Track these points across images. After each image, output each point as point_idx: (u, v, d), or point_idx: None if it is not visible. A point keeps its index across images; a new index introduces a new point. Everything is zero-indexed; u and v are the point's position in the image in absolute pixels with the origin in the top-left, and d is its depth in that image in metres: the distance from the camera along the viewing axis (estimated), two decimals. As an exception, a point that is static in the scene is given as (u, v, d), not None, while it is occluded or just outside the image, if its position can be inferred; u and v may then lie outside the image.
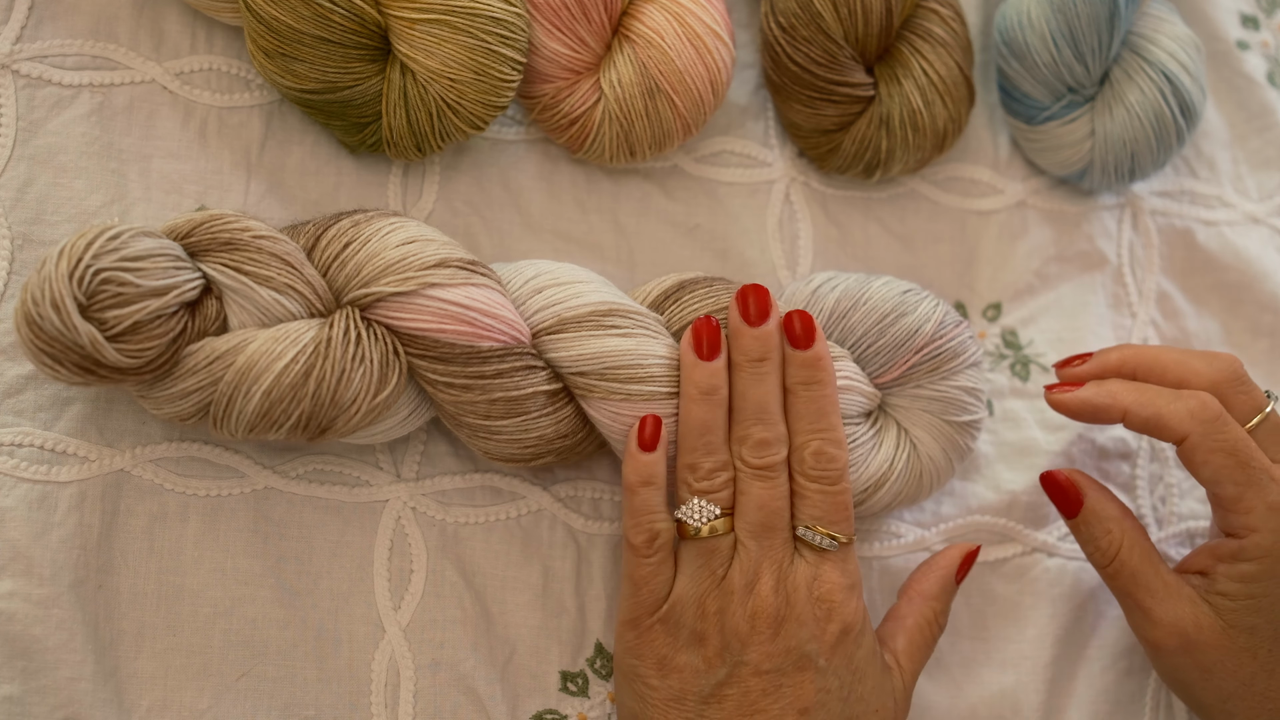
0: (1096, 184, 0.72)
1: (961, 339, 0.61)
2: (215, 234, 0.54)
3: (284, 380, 0.53)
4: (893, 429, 0.62)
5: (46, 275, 0.49)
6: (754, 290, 0.59)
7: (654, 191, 0.68)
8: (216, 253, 0.54)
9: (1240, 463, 0.57)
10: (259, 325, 0.54)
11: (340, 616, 0.60)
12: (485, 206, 0.65)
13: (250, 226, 0.55)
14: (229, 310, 0.54)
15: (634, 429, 0.57)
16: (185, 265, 0.53)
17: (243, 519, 0.59)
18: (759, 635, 0.55)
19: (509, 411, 0.56)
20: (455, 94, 0.59)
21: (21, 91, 0.60)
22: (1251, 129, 0.78)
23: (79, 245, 0.50)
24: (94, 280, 0.50)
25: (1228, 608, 0.58)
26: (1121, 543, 0.59)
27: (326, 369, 0.53)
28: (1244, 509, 0.57)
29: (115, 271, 0.50)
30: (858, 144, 0.67)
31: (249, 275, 0.54)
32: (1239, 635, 0.57)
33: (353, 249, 0.56)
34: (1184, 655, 0.58)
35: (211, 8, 0.61)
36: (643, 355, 0.57)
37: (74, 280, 0.49)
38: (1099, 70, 0.69)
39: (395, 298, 0.55)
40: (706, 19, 0.63)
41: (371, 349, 0.54)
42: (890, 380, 0.61)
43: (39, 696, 0.55)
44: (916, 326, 0.60)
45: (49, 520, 0.56)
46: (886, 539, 0.67)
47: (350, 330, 0.54)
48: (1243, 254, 0.75)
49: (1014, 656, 0.66)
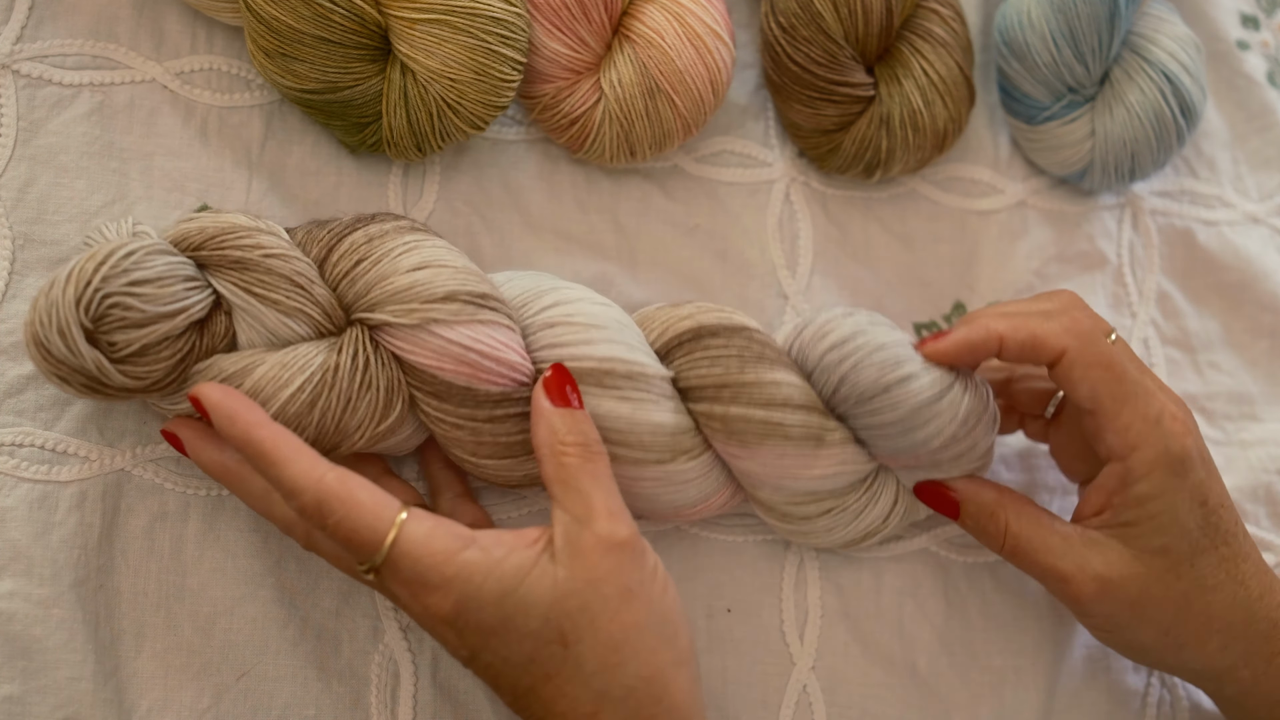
0: (1096, 184, 0.72)
1: (974, 443, 0.57)
2: (226, 250, 0.53)
3: (289, 409, 0.52)
4: (891, 487, 0.60)
5: (54, 300, 0.49)
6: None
7: (654, 191, 0.68)
8: (227, 270, 0.53)
9: (1116, 376, 0.56)
10: (267, 344, 0.53)
11: (340, 616, 0.60)
12: (485, 206, 0.65)
13: (262, 244, 0.53)
14: (238, 327, 0.54)
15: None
16: (196, 284, 0.52)
17: (243, 519, 0.59)
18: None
19: (497, 454, 0.55)
20: (455, 94, 0.59)
21: (22, 91, 0.60)
22: (1251, 129, 0.78)
23: (87, 268, 0.49)
24: (101, 304, 0.49)
25: (1134, 535, 0.56)
26: (1007, 519, 0.58)
27: (332, 399, 0.52)
28: (1123, 425, 0.56)
29: (123, 297, 0.50)
30: (858, 144, 0.67)
31: (257, 297, 0.53)
32: (1154, 560, 0.56)
33: (363, 268, 0.54)
34: (1108, 600, 0.57)
35: (211, 8, 0.61)
36: (636, 423, 0.55)
37: (81, 307, 0.49)
38: (1099, 70, 0.69)
39: (398, 328, 0.53)
40: (706, 19, 0.63)
41: (378, 375, 0.53)
42: (896, 466, 0.60)
43: (39, 696, 0.55)
44: (930, 436, 0.56)
45: (49, 520, 0.56)
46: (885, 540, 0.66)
47: (359, 355, 0.53)
48: (1243, 254, 0.75)
49: (1013, 658, 0.66)
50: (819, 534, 0.60)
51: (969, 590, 0.67)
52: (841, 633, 0.64)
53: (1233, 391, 0.73)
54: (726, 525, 0.65)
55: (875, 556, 0.66)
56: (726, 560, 0.64)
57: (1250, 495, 0.71)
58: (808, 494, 0.58)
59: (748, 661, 0.63)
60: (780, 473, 0.57)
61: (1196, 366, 0.73)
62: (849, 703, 0.64)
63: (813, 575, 0.65)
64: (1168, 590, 0.56)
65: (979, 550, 0.67)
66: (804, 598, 0.65)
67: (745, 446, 0.56)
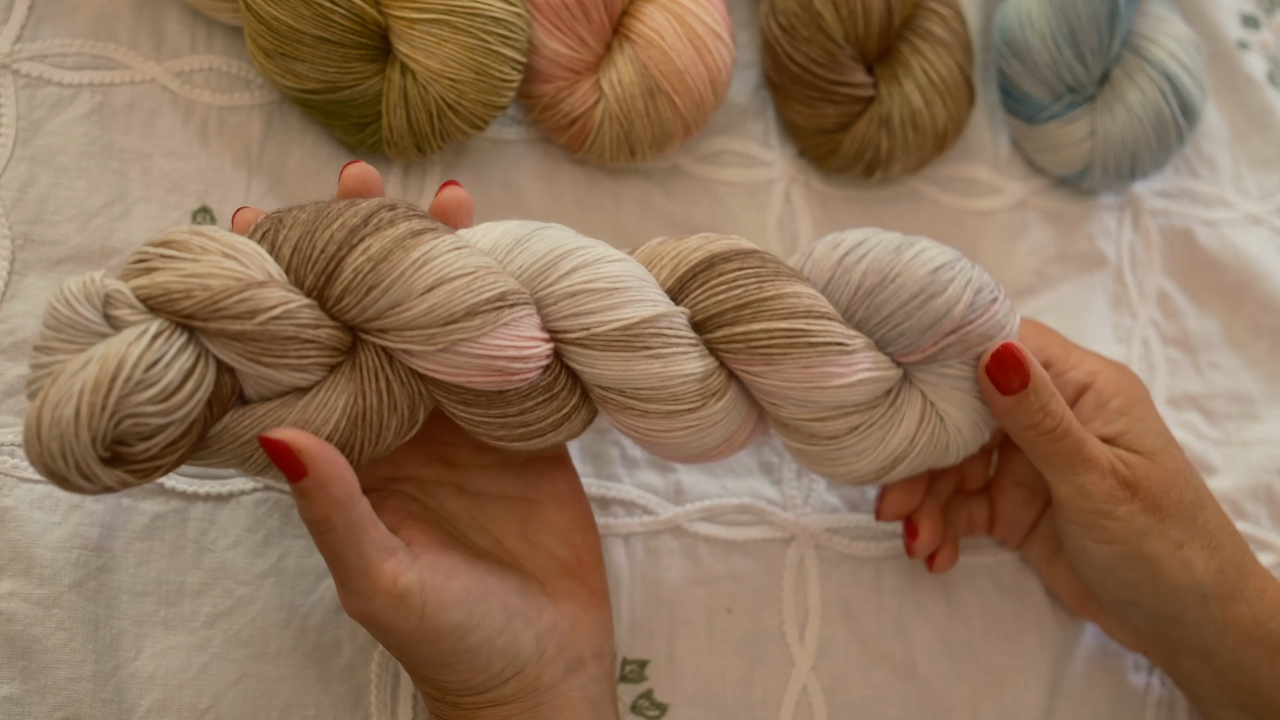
0: (1097, 184, 0.72)
1: (995, 319, 0.58)
2: (222, 324, 0.46)
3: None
4: (917, 402, 0.59)
5: (67, 441, 0.43)
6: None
7: (654, 191, 0.68)
8: (228, 340, 0.47)
9: (1056, 336, 0.62)
10: (278, 398, 0.50)
11: (341, 616, 0.60)
12: (485, 206, 0.65)
13: (258, 308, 0.47)
14: (244, 384, 0.49)
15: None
16: (199, 362, 0.47)
17: (243, 518, 0.59)
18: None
19: (524, 437, 0.55)
20: (455, 94, 0.59)
21: (22, 91, 0.60)
22: (1251, 129, 0.78)
23: (95, 401, 0.43)
24: (116, 430, 0.45)
25: (1132, 439, 0.58)
26: (1064, 412, 0.59)
27: (361, 435, 0.51)
28: (1075, 362, 0.60)
29: (138, 417, 0.45)
30: (858, 144, 0.67)
31: (266, 365, 0.48)
32: (1163, 460, 0.58)
33: (373, 296, 0.49)
34: (1137, 497, 0.57)
35: (211, 8, 0.61)
36: (668, 378, 0.55)
37: (97, 445, 0.44)
38: (1099, 70, 0.69)
39: (421, 353, 0.51)
40: (706, 19, 0.63)
41: (400, 396, 0.51)
42: (917, 360, 0.59)
43: (39, 696, 0.55)
44: (945, 310, 0.57)
45: (49, 520, 0.56)
46: (886, 539, 0.67)
47: (379, 380, 0.51)
48: (1243, 254, 0.75)
49: (1013, 658, 0.66)
50: (847, 458, 0.59)
51: (969, 590, 0.67)
52: (841, 633, 0.64)
53: (1233, 391, 0.73)
54: (726, 525, 0.65)
55: (875, 556, 0.66)
56: (726, 560, 0.64)
57: (1250, 495, 0.71)
58: (834, 407, 0.57)
59: (748, 661, 0.63)
60: (806, 383, 0.56)
61: (1196, 366, 0.73)
62: (849, 703, 0.64)
63: (813, 575, 0.65)
64: (1182, 495, 0.58)
65: (979, 550, 0.67)
66: (804, 598, 0.65)
67: (770, 362, 0.56)
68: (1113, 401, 0.59)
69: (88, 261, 0.59)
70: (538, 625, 0.54)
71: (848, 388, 0.57)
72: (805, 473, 0.67)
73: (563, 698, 0.54)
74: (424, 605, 0.50)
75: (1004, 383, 0.57)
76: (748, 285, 0.56)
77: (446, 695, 0.53)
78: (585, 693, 0.55)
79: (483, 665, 0.52)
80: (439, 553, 0.52)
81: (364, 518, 0.49)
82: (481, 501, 0.58)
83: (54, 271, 0.59)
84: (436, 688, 0.53)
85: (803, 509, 0.66)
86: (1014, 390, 0.57)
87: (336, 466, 0.48)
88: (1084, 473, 0.57)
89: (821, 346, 0.56)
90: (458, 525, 0.57)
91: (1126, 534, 0.58)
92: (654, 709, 0.62)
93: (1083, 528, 0.58)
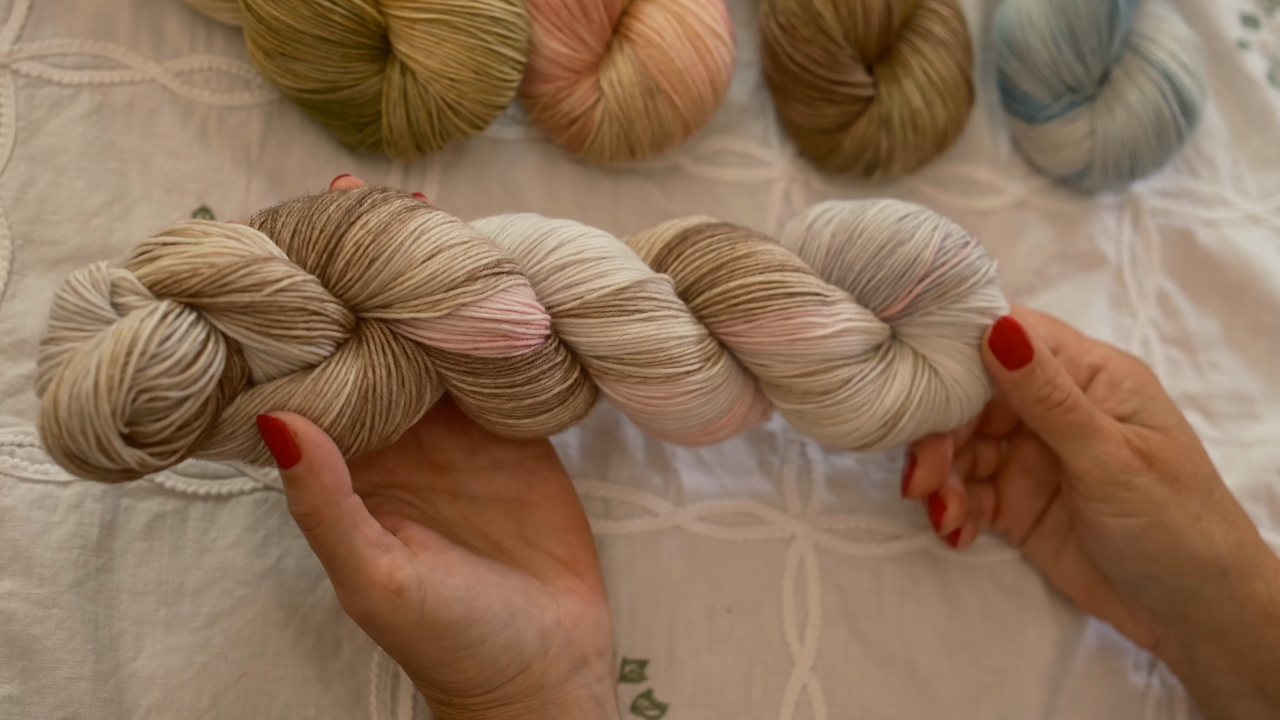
0: (1096, 183, 0.72)
1: (967, 261, 0.58)
2: (230, 297, 0.47)
3: (331, 434, 0.50)
4: (908, 358, 0.59)
5: (87, 414, 0.43)
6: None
7: (654, 191, 0.68)
8: (236, 315, 0.48)
9: (1063, 326, 0.63)
10: (285, 374, 0.51)
11: (341, 616, 0.60)
12: (485, 206, 0.65)
13: (265, 279, 0.48)
14: (253, 364, 0.50)
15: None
16: (209, 338, 0.47)
17: (243, 519, 0.59)
18: None
19: (532, 412, 0.55)
20: (455, 94, 0.59)
21: (21, 91, 0.60)
22: (1251, 129, 0.78)
23: (114, 373, 0.43)
24: (134, 404, 0.44)
25: (1147, 416, 0.59)
26: (1070, 385, 0.59)
27: (372, 412, 0.51)
28: (1087, 347, 0.61)
29: (155, 390, 0.45)
30: (858, 144, 0.67)
31: (275, 338, 0.49)
32: (1178, 436, 0.59)
33: (375, 268, 0.50)
34: (1153, 467, 0.58)
35: (211, 8, 0.61)
36: (664, 340, 0.55)
37: (117, 417, 0.44)
38: (1099, 69, 0.69)
39: (425, 321, 0.52)
40: (706, 19, 0.63)
41: (407, 372, 0.52)
42: (898, 312, 0.59)
43: (39, 696, 0.55)
44: (914, 255, 0.57)
45: (49, 520, 0.56)
46: (886, 540, 0.67)
47: (387, 356, 0.51)
48: (1243, 253, 0.75)
49: (1013, 658, 0.66)
50: (845, 414, 0.58)
51: (969, 590, 0.67)
52: (841, 633, 0.64)
53: (1233, 391, 0.73)
54: (727, 525, 0.65)
55: (875, 556, 0.66)
56: (726, 560, 0.64)
57: (1250, 495, 0.71)
58: (821, 360, 0.57)
59: (748, 661, 0.63)
60: (788, 335, 0.57)
61: (1196, 366, 0.73)
62: (849, 703, 0.64)
63: (813, 575, 0.65)
64: (1197, 469, 0.59)
65: (979, 550, 0.67)
66: (804, 598, 0.65)
67: (751, 318, 0.56)
68: (1126, 382, 0.60)
69: (87, 261, 0.59)
70: (541, 622, 0.54)
71: (833, 337, 0.57)
72: (805, 473, 0.67)
73: (569, 695, 0.54)
74: (423, 600, 0.50)
75: (1007, 357, 0.58)
76: (720, 249, 0.58)
77: (453, 697, 0.53)
78: (590, 690, 0.55)
79: (487, 662, 0.52)
80: (438, 551, 0.52)
81: (354, 512, 0.50)
82: (476, 505, 0.58)
83: (54, 271, 0.59)
84: (442, 689, 0.53)
85: (803, 509, 0.66)
86: (1018, 364, 0.58)
87: (330, 456, 0.49)
88: (1098, 444, 0.58)
89: (800, 296, 0.57)
90: (455, 530, 0.57)
91: (1145, 505, 0.58)
92: (654, 709, 0.62)
93: (1101, 501, 0.58)
